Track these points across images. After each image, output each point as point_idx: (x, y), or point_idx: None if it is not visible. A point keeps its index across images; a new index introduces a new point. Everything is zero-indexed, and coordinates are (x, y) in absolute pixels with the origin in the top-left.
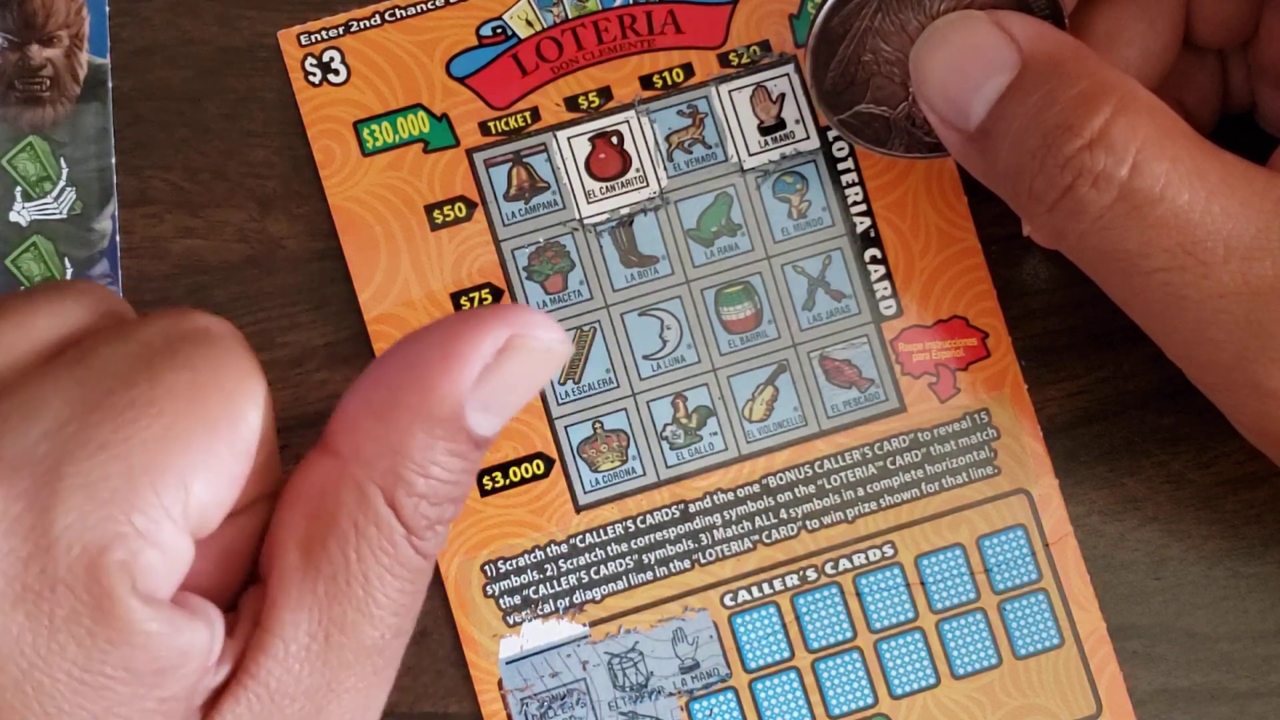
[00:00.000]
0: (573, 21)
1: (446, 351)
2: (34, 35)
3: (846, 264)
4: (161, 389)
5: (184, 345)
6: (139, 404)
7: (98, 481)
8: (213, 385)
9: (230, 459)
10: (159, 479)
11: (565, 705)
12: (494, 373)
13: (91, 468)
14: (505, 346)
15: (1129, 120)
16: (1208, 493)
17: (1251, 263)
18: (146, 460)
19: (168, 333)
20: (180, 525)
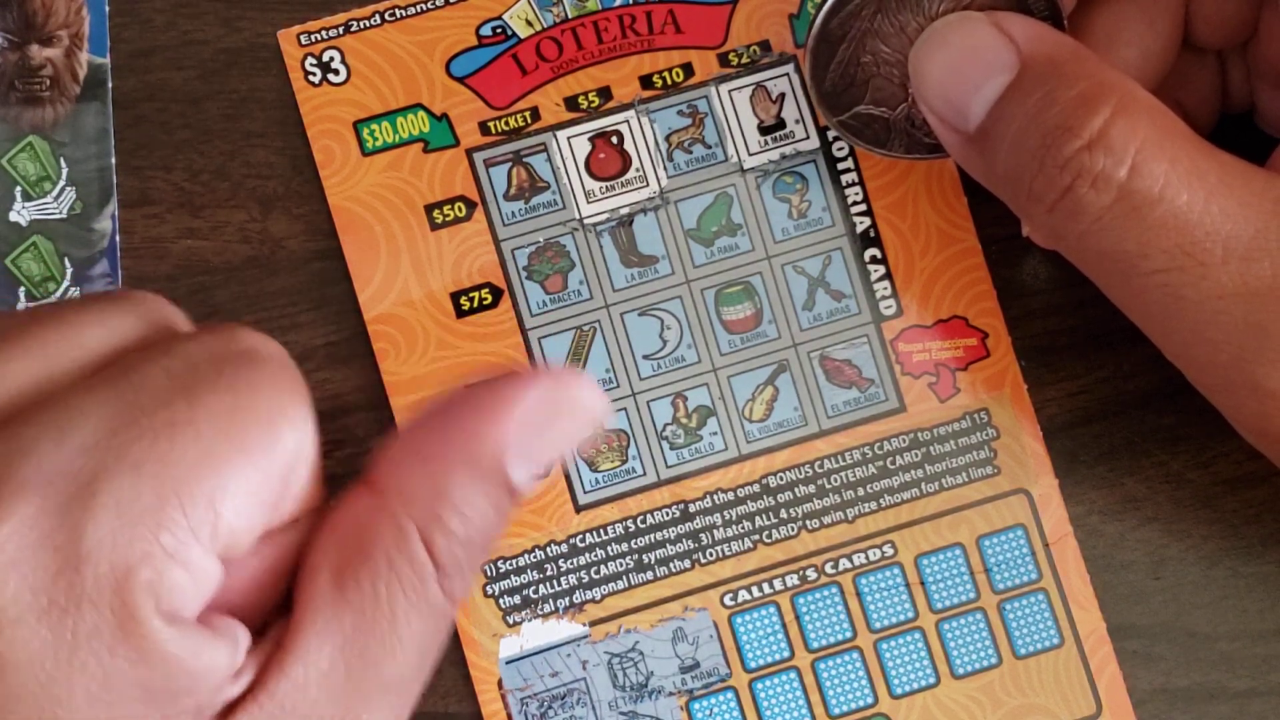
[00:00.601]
0: (573, 21)
1: (495, 402)
2: (34, 35)
3: (846, 264)
4: (200, 410)
5: (228, 366)
6: (177, 424)
7: (129, 500)
8: (251, 409)
9: (264, 483)
10: (189, 500)
11: (565, 705)
12: (536, 426)
13: (124, 485)
14: (550, 402)
15: (1128, 121)
16: (1207, 492)
17: (1250, 263)
18: (178, 481)
19: (213, 352)
20: (208, 547)
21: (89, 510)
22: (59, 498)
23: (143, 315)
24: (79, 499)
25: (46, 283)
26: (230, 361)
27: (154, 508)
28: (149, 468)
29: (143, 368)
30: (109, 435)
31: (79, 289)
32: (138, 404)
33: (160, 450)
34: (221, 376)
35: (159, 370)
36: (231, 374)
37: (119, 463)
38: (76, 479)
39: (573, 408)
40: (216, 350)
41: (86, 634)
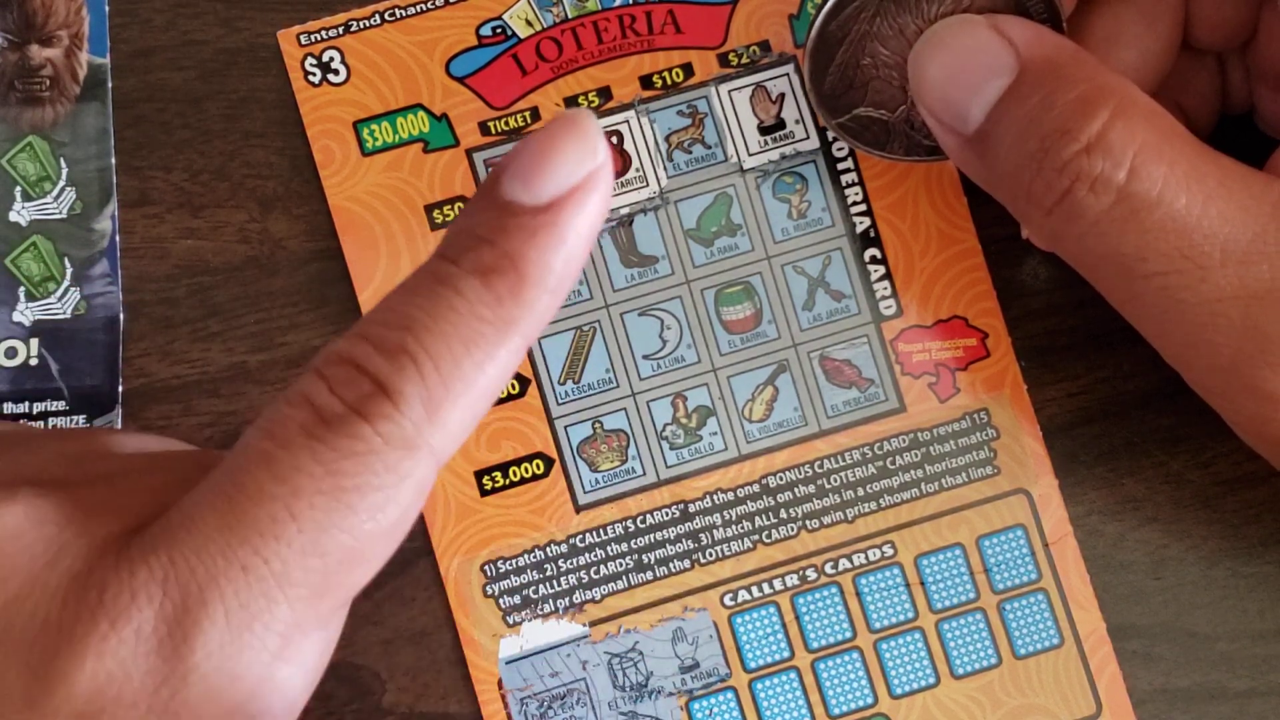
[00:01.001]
0: (572, 21)
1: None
2: (34, 35)
3: (846, 264)
4: (302, 507)
5: (329, 455)
6: (279, 520)
7: (236, 608)
8: (349, 513)
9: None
10: (293, 600)
11: (565, 705)
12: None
13: (232, 592)
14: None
15: (1127, 124)
16: (1207, 493)
17: (1248, 266)
18: (282, 579)
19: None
20: (313, 635)
21: (198, 623)
22: (174, 603)
23: None
24: (190, 609)
25: (46, 283)
26: (325, 440)
27: (260, 613)
28: (256, 570)
29: (241, 450)
30: (216, 534)
31: (79, 289)
32: (238, 497)
33: (266, 550)
34: (317, 457)
35: (253, 454)
36: (329, 458)
37: (228, 567)
38: (190, 584)
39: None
40: (305, 421)
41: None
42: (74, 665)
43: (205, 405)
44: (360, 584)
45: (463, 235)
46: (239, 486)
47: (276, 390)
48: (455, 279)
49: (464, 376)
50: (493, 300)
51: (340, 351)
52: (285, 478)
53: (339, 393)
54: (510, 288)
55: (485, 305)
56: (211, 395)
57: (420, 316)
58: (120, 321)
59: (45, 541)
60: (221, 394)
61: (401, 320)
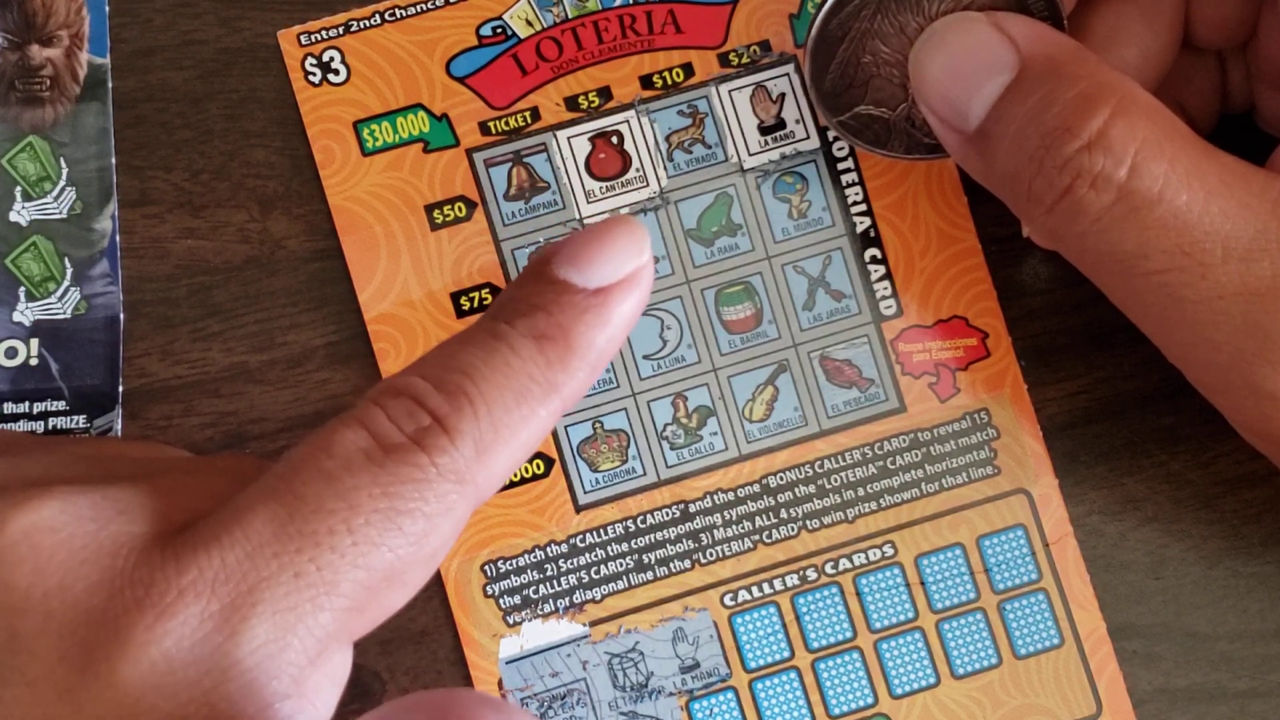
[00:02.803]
0: (573, 21)
1: None
2: (34, 35)
3: (846, 264)
4: (359, 518)
5: (384, 473)
6: (335, 532)
7: (285, 610)
8: (401, 517)
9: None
10: (341, 607)
11: (565, 705)
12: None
13: (281, 594)
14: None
15: (1127, 121)
16: (1207, 492)
17: (1250, 264)
18: (331, 586)
19: (366, 449)
20: (338, 682)
21: (246, 620)
22: (221, 602)
23: None
24: (238, 609)
25: (46, 283)
26: (384, 465)
27: (304, 617)
28: (307, 576)
29: (302, 465)
30: (271, 539)
31: (79, 289)
32: (298, 509)
33: (320, 559)
34: (376, 479)
35: (315, 470)
36: (387, 481)
37: (280, 572)
38: (241, 585)
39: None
40: (366, 447)
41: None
42: (117, 657)
43: (205, 405)
44: (395, 606)
45: (518, 302)
46: (299, 498)
47: (277, 390)
48: (511, 338)
49: (512, 425)
50: (544, 363)
51: (399, 385)
52: (345, 495)
53: (398, 422)
54: (560, 355)
55: (536, 366)
56: (212, 395)
57: (478, 365)
58: (120, 321)
59: (84, 536)
60: (222, 394)
61: (460, 366)
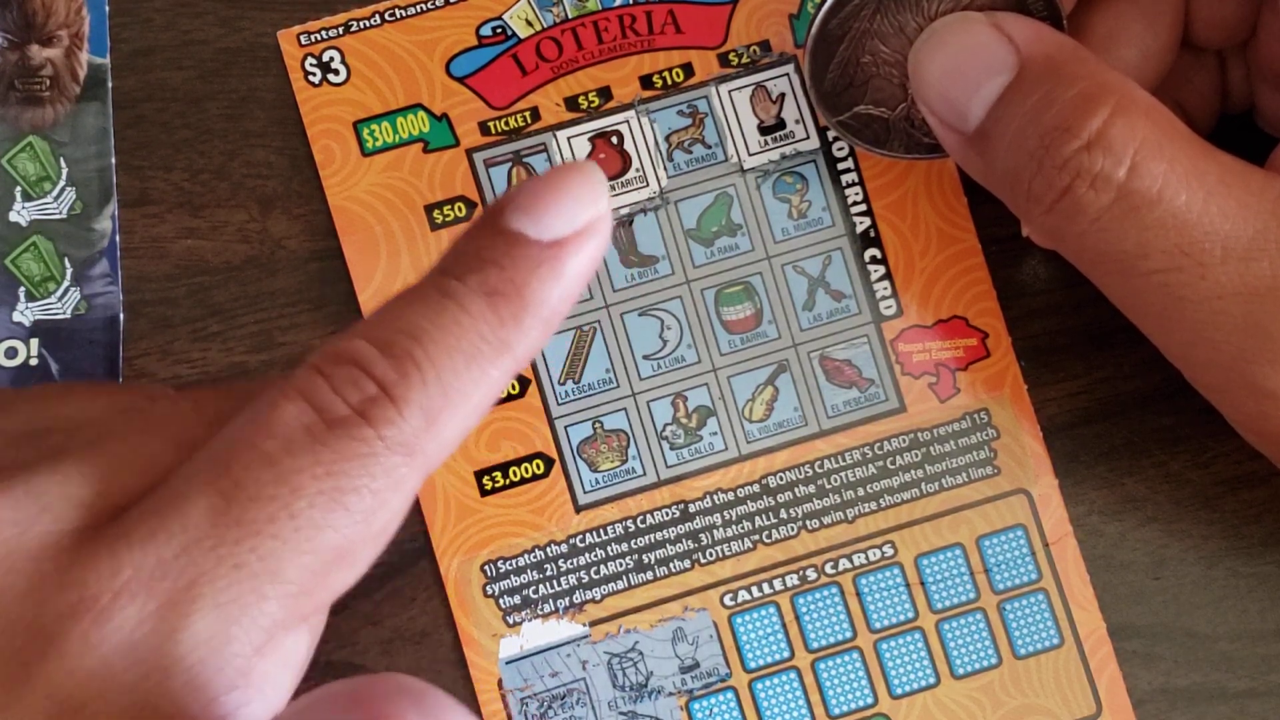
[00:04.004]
0: (573, 21)
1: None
2: (34, 35)
3: (846, 264)
4: (300, 502)
5: (325, 448)
6: (276, 519)
7: (228, 602)
8: (345, 496)
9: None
10: (284, 594)
11: (565, 705)
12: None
13: (222, 588)
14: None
15: (1127, 121)
16: (1207, 493)
17: (1249, 263)
18: (274, 576)
19: (308, 425)
20: (294, 664)
21: (187, 617)
22: (159, 600)
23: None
24: (177, 605)
25: (46, 282)
26: (326, 443)
27: (249, 608)
28: (248, 566)
29: (239, 444)
30: (209, 531)
31: (79, 289)
32: (236, 495)
33: (261, 549)
34: (319, 458)
35: (253, 451)
36: (330, 460)
37: (219, 565)
38: (179, 580)
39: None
40: (309, 422)
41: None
42: (54, 668)
43: None
44: (345, 585)
45: (469, 256)
46: (237, 484)
47: None
48: (461, 295)
49: (462, 389)
50: (495, 321)
51: (343, 351)
52: (286, 478)
53: (342, 393)
54: (513, 312)
55: (487, 324)
56: None
57: (426, 326)
58: (120, 321)
59: (7, 544)
60: None
61: (407, 327)
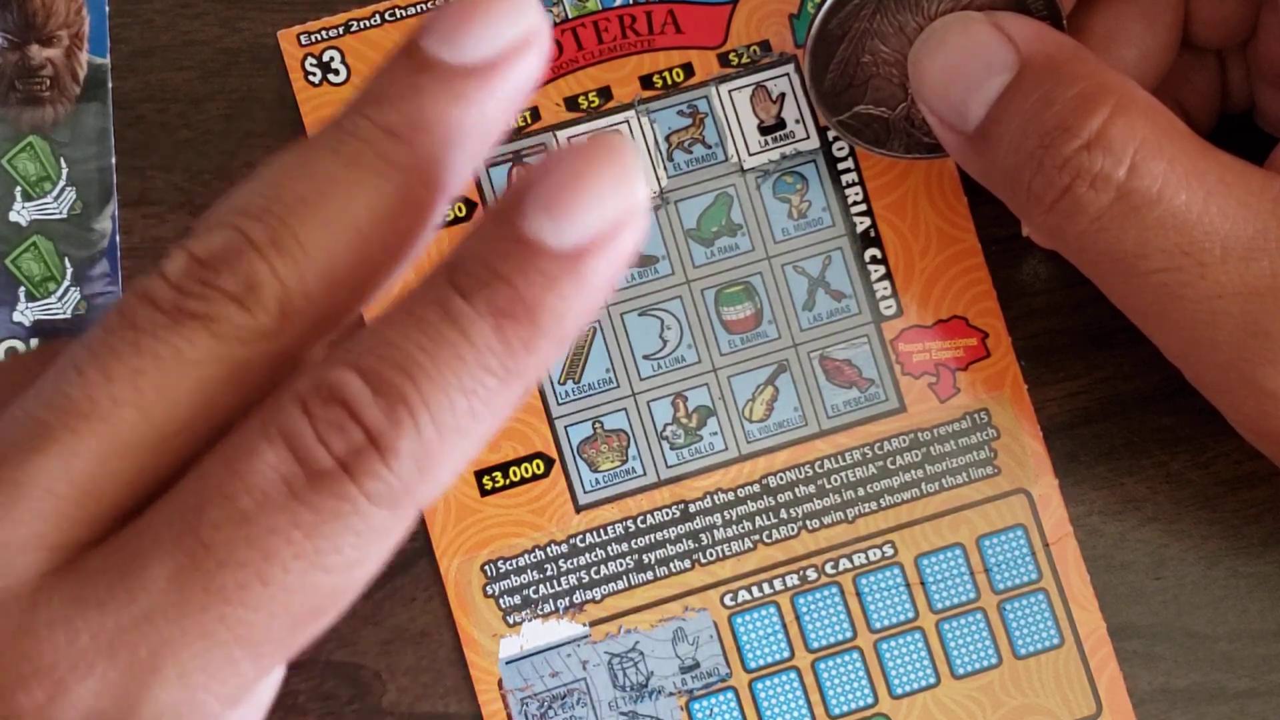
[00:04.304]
0: (573, 21)
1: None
2: (34, 35)
3: (846, 264)
4: (274, 567)
5: (301, 500)
6: (246, 586)
7: (193, 670)
8: (321, 556)
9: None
10: (252, 659)
11: (565, 705)
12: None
13: (187, 657)
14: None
15: (1127, 121)
16: (1207, 493)
17: (1249, 263)
18: (245, 643)
19: (285, 476)
20: (263, 705)
21: (148, 689)
22: (119, 670)
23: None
24: (138, 676)
25: (46, 282)
26: (306, 501)
27: (217, 673)
28: (216, 636)
29: (211, 499)
30: (174, 600)
31: (79, 289)
32: (204, 560)
33: (230, 618)
34: (297, 519)
35: (227, 509)
36: (310, 521)
37: (184, 634)
38: (140, 648)
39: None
40: (288, 474)
41: None
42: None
43: None
44: (318, 633)
45: (478, 265)
46: (207, 547)
47: None
48: (465, 320)
49: (460, 428)
50: (502, 350)
51: (331, 386)
52: (258, 541)
53: (326, 440)
54: (523, 338)
55: (494, 355)
56: None
57: (423, 361)
58: None
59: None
60: None
61: (402, 360)
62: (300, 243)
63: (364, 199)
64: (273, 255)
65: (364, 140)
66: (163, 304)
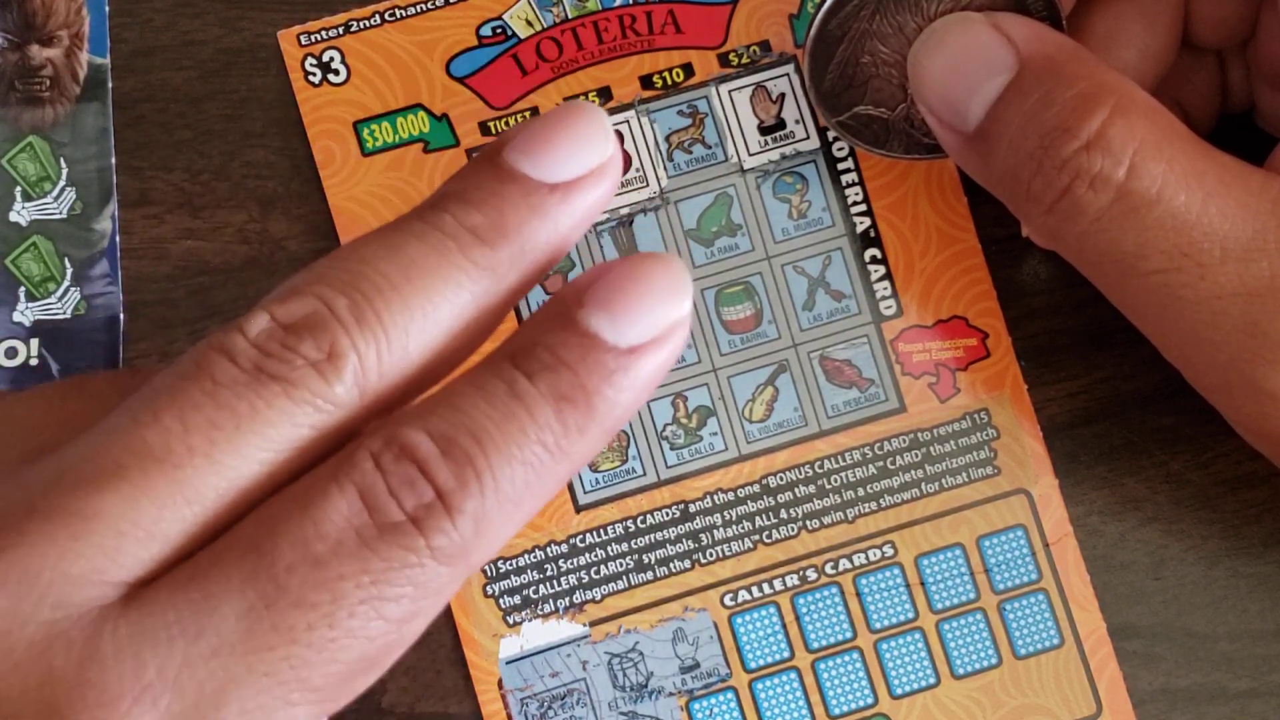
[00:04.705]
0: (573, 21)
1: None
2: (34, 35)
3: (846, 264)
4: (340, 613)
5: (369, 550)
6: (314, 627)
7: (254, 709)
8: (382, 603)
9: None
10: (310, 700)
11: (565, 705)
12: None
13: (250, 695)
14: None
15: (1126, 122)
16: (1207, 493)
17: (1248, 264)
18: (304, 684)
19: (353, 525)
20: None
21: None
22: (184, 704)
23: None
24: (203, 710)
25: (46, 283)
26: (377, 550)
27: (274, 715)
28: (279, 675)
29: (285, 540)
30: (244, 636)
31: (79, 289)
32: (277, 600)
33: (295, 658)
34: (366, 566)
35: (301, 551)
36: (378, 569)
37: (249, 673)
38: (205, 687)
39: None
40: (360, 525)
41: None
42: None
43: None
44: (362, 689)
45: (540, 351)
46: (280, 589)
47: None
48: (529, 398)
49: (515, 498)
50: (560, 430)
51: (404, 445)
52: (329, 585)
53: (398, 495)
54: (579, 422)
55: (552, 433)
56: None
57: (491, 430)
58: (120, 321)
59: (7, 639)
60: None
61: (471, 427)
62: (381, 321)
63: (444, 289)
64: (354, 329)
65: (449, 234)
66: (242, 361)
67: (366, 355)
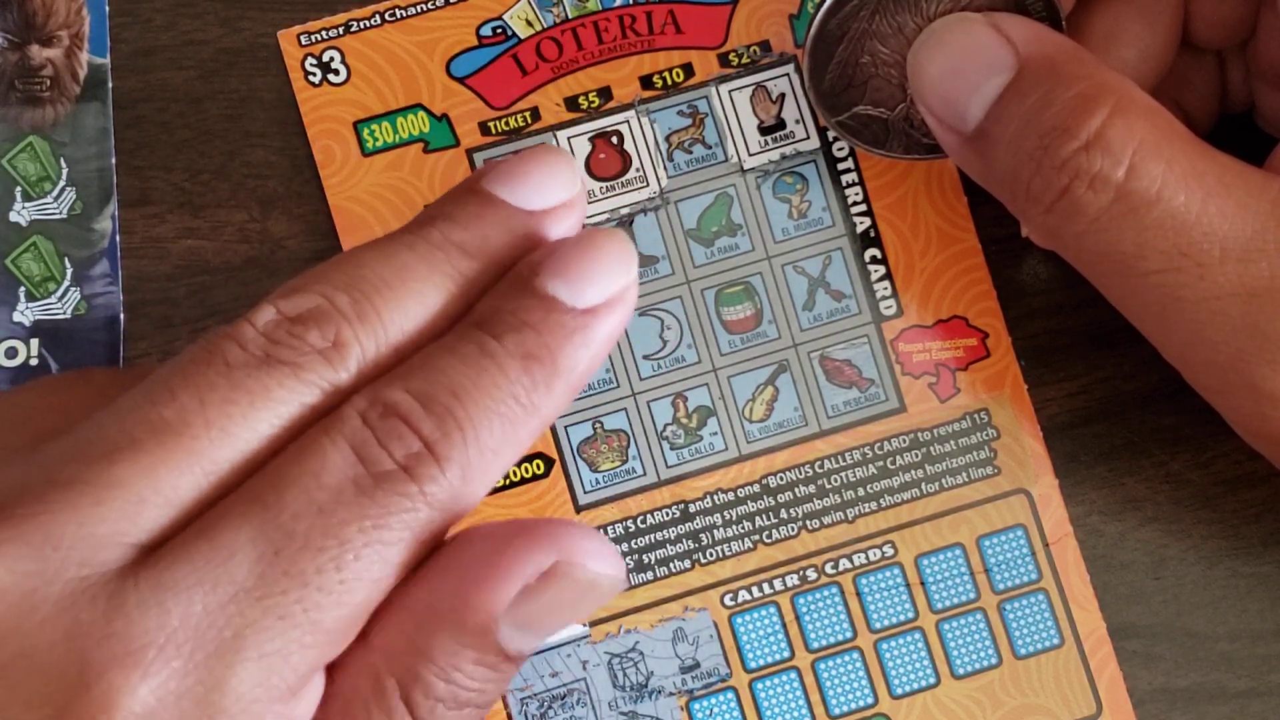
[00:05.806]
0: (573, 21)
1: (490, 565)
2: (34, 35)
3: (846, 264)
4: (348, 555)
5: (375, 496)
6: (324, 571)
7: (272, 653)
8: (386, 549)
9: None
10: (325, 645)
11: (565, 705)
12: (533, 595)
13: (267, 639)
14: (550, 571)
15: (1126, 122)
16: (1207, 493)
17: (1248, 264)
18: (316, 627)
19: (357, 475)
20: (316, 702)
21: (232, 669)
22: (205, 651)
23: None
24: (223, 657)
25: (46, 283)
26: (374, 497)
27: (290, 657)
28: (293, 618)
29: (289, 492)
30: (258, 582)
31: (79, 289)
32: (286, 546)
33: (307, 600)
34: (365, 511)
35: (305, 501)
36: (376, 514)
37: (265, 616)
38: (225, 631)
39: (575, 578)
40: (356, 475)
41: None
42: (100, 719)
43: None
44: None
45: (505, 315)
46: (289, 535)
47: None
48: (500, 357)
49: (495, 448)
50: (529, 385)
51: (389, 403)
52: (335, 530)
53: (388, 447)
54: (545, 377)
55: (522, 388)
56: None
57: (467, 385)
58: (120, 321)
59: (35, 595)
60: None
61: (450, 385)
62: (380, 316)
63: (433, 293)
64: (356, 322)
65: (437, 245)
66: (253, 348)
67: (366, 345)
